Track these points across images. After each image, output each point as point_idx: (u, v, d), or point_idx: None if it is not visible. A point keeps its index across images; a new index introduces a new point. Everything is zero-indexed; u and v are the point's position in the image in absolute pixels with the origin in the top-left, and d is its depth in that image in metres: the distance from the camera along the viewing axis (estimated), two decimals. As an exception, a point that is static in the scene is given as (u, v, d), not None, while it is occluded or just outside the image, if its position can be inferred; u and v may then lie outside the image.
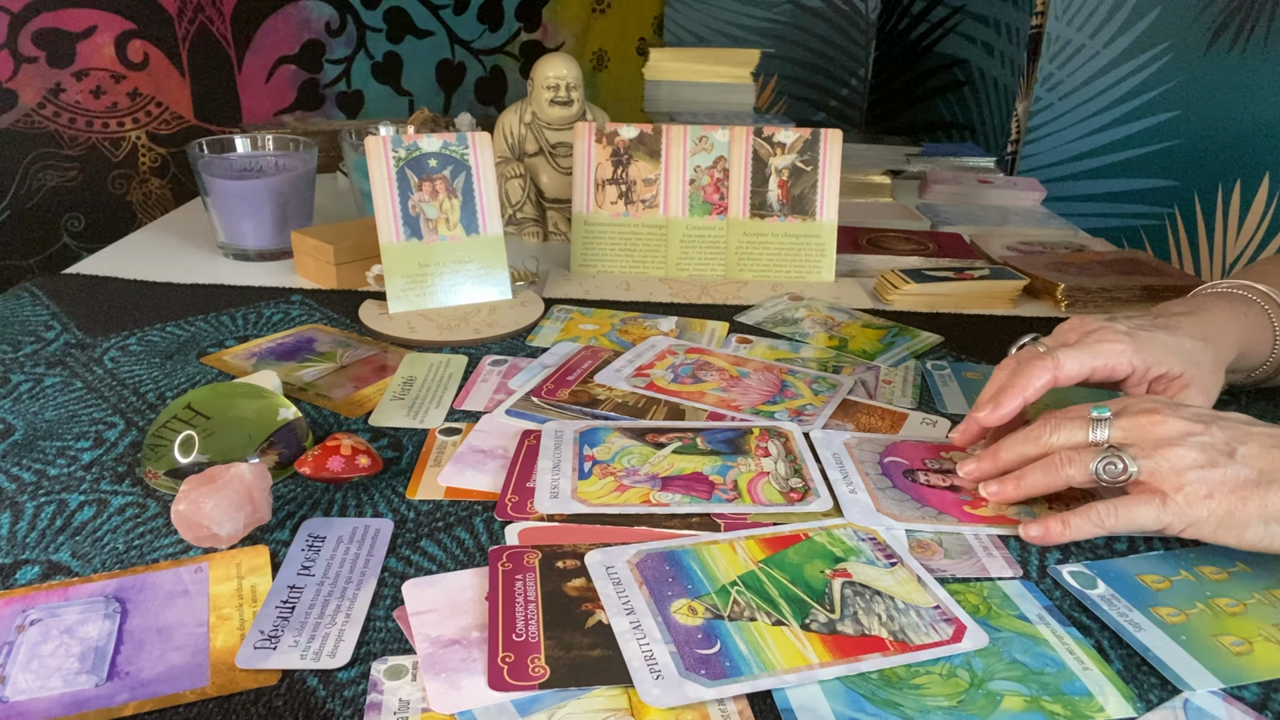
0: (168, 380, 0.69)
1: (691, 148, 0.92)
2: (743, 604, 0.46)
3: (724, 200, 0.92)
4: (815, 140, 0.91)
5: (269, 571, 0.48)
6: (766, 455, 0.59)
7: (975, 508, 0.55)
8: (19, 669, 0.42)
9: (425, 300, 0.81)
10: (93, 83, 1.37)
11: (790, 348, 0.77)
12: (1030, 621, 0.46)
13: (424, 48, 1.77)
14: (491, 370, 0.71)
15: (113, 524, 0.52)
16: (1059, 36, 1.47)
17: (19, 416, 0.63)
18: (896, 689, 0.42)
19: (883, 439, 0.63)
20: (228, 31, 1.49)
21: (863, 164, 1.30)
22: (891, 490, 0.56)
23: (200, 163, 0.92)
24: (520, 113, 1.02)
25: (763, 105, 1.92)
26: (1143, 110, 1.39)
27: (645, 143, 0.92)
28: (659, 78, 1.38)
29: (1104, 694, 0.42)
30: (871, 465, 0.59)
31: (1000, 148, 1.60)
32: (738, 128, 0.92)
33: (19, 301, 0.82)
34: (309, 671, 0.42)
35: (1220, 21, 1.25)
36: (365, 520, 0.53)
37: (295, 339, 0.76)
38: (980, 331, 0.82)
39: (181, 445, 0.54)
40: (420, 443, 0.61)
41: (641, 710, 0.40)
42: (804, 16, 1.87)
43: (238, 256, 0.95)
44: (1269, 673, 0.43)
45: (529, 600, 0.45)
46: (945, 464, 0.60)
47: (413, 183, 0.80)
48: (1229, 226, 1.25)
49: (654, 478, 0.56)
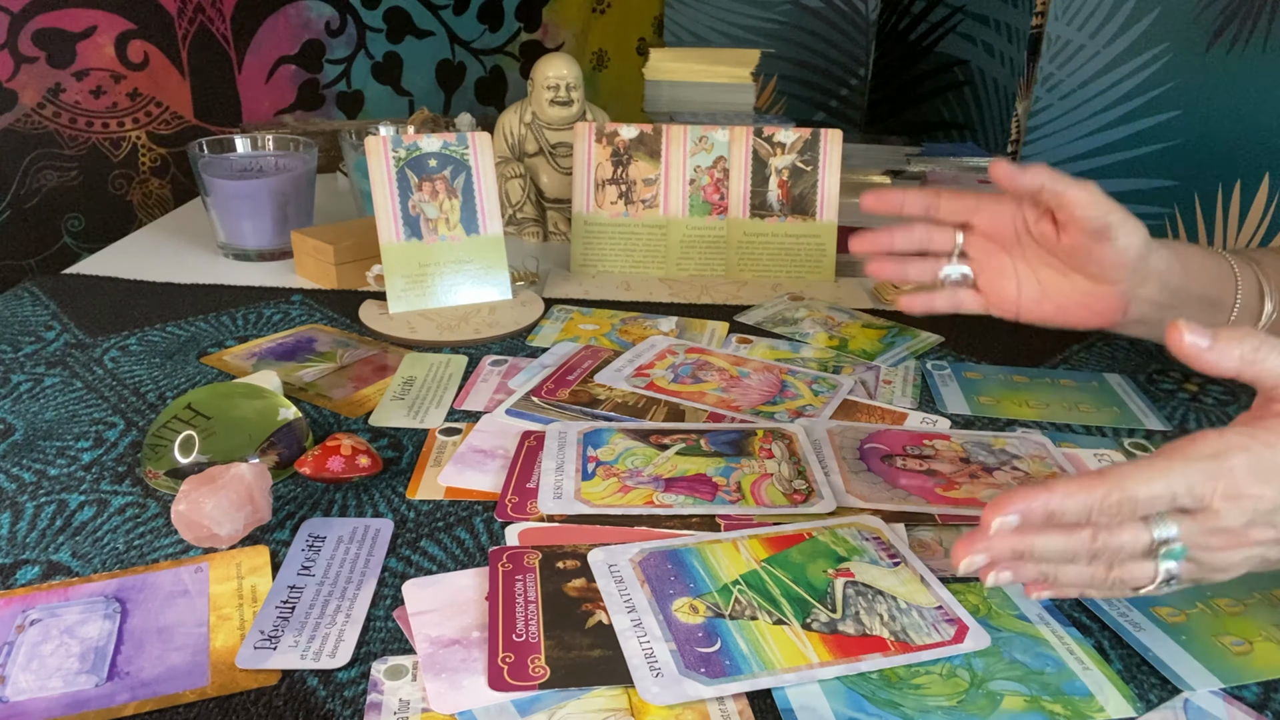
0: (168, 380, 0.69)
1: (691, 148, 0.92)
2: (744, 603, 0.46)
3: (724, 200, 0.92)
4: (815, 140, 0.91)
5: (269, 571, 0.48)
6: (770, 457, 0.59)
7: (947, 490, 0.55)
8: (19, 669, 0.42)
9: (425, 300, 0.81)
10: (93, 83, 1.37)
11: (790, 348, 0.77)
12: (1030, 621, 0.46)
13: (424, 48, 1.77)
14: (491, 370, 0.71)
15: (113, 524, 0.52)
16: (1059, 36, 1.47)
17: (19, 416, 0.63)
18: (897, 689, 0.41)
19: (867, 428, 0.63)
20: (228, 31, 1.49)
21: (863, 164, 1.30)
22: (865, 474, 0.57)
23: (200, 163, 0.92)
24: (520, 113, 1.02)
25: (763, 105, 1.92)
26: (1143, 110, 1.39)
27: (645, 143, 0.92)
28: (659, 78, 1.38)
29: (1104, 694, 0.42)
30: (850, 451, 0.60)
31: (1000, 148, 1.60)
32: (738, 128, 0.91)
33: (19, 301, 0.82)
34: (309, 671, 0.42)
35: (1220, 22, 1.25)
36: (365, 520, 0.53)
37: (295, 339, 0.76)
38: (980, 331, 0.82)
39: (181, 445, 0.54)
40: (420, 443, 0.61)
41: (641, 710, 0.40)
42: (804, 16, 1.87)
43: (238, 256, 0.95)
44: (1269, 673, 0.43)
45: (529, 600, 0.45)
46: (925, 450, 0.60)
47: (413, 183, 0.80)
48: (1229, 226, 1.25)
49: (657, 479, 0.56)
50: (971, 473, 0.58)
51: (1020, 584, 0.45)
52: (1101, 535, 0.41)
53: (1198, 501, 0.41)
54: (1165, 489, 0.40)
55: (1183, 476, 0.41)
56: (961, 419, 0.66)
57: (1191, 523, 0.41)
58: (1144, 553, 0.42)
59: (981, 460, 0.60)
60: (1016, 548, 0.41)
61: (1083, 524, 0.41)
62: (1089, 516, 0.41)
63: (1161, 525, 0.41)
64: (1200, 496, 0.41)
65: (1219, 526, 0.41)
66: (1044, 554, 0.42)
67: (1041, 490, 0.41)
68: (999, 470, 0.59)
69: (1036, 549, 0.41)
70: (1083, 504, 0.40)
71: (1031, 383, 0.72)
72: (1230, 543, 0.42)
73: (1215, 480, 0.41)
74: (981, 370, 0.74)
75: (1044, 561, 0.42)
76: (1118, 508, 0.40)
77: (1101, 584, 0.43)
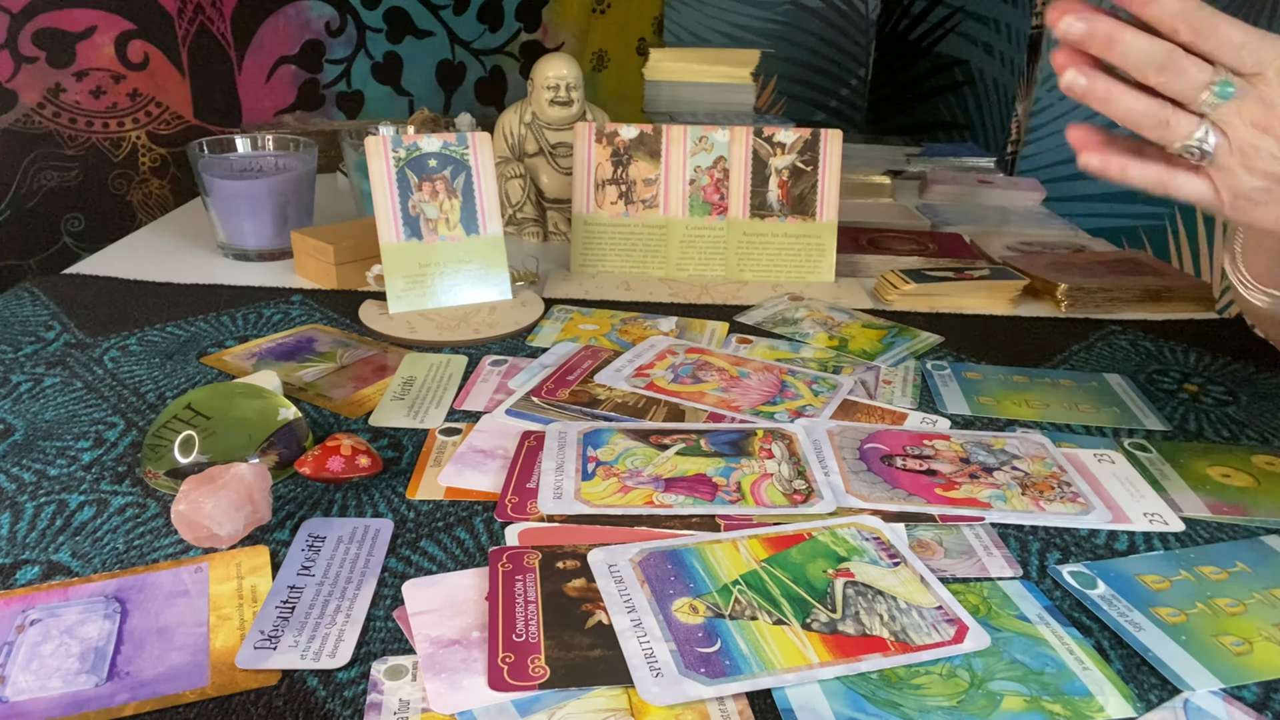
0: (168, 380, 0.69)
1: (691, 148, 0.92)
2: (744, 603, 0.46)
3: (724, 200, 0.92)
4: (815, 140, 0.91)
5: (269, 571, 0.48)
6: (770, 457, 0.59)
7: (947, 490, 0.55)
8: (19, 669, 0.42)
9: (425, 300, 0.81)
10: (93, 83, 1.37)
11: (790, 348, 0.77)
12: (1030, 621, 0.46)
13: (424, 48, 1.77)
14: (491, 370, 0.71)
15: (113, 524, 0.52)
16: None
17: (19, 416, 0.63)
18: (896, 689, 0.41)
19: (867, 428, 0.63)
20: (228, 31, 1.49)
21: (863, 164, 1.30)
22: (865, 474, 0.57)
23: (200, 163, 0.92)
24: (520, 113, 1.02)
25: (763, 105, 1.92)
26: (1143, 110, 1.39)
27: (645, 143, 0.92)
28: (659, 78, 1.38)
29: (1104, 694, 0.42)
30: (850, 451, 0.60)
31: (1000, 148, 1.60)
32: (738, 128, 0.92)
33: (19, 301, 0.82)
34: (309, 671, 0.42)
35: (1220, 21, 1.25)
36: (365, 520, 0.53)
37: (295, 339, 0.76)
38: (980, 331, 0.82)
39: (181, 445, 0.54)
40: (420, 443, 0.61)
41: (641, 711, 0.40)
42: (804, 16, 1.87)
43: (238, 256, 0.95)
44: (1269, 673, 0.43)
45: (529, 601, 0.45)
46: (925, 450, 0.60)
47: (413, 183, 0.80)
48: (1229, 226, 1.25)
49: (657, 479, 0.56)
50: (971, 473, 0.58)
51: (1018, 580, 0.45)
52: (1177, 53, 0.46)
53: (1258, 65, 0.46)
54: (1243, 37, 0.46)
55: (1259, 39, 0.46)
56: (961, 419, 0.66)
57: (1245, 84, 0.47)
58: (1201, 90, 0.47)
59: (981, 460, 0.60)
60: (1111, 31, 0.47)
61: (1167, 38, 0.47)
62: (1174, 25, 0.46)
63: (1221, 74, 0.47)
64: (1262, 61, 0.46)
65: (1263, 96, 0.47)
66: (1128, 50, 0.47)
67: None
68: (999, 470, 0.59)
69: (1127, 40, 0.47)
70: (1179, 8, 0.46)
71: (1031, 383, 0.72)
72: (1263, 119, 0.47)
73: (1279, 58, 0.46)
74: (981, 370, 0.74)
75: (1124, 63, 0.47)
76: (1201, 27, 0.46)
77: (1154, 119, 0.48)
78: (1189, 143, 0.48)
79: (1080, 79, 0.48)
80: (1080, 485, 0.58)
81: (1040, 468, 0.59)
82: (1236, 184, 0.49)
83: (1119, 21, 0.47)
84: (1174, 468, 0.61)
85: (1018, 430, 0.65)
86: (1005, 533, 0.53)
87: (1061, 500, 0.56)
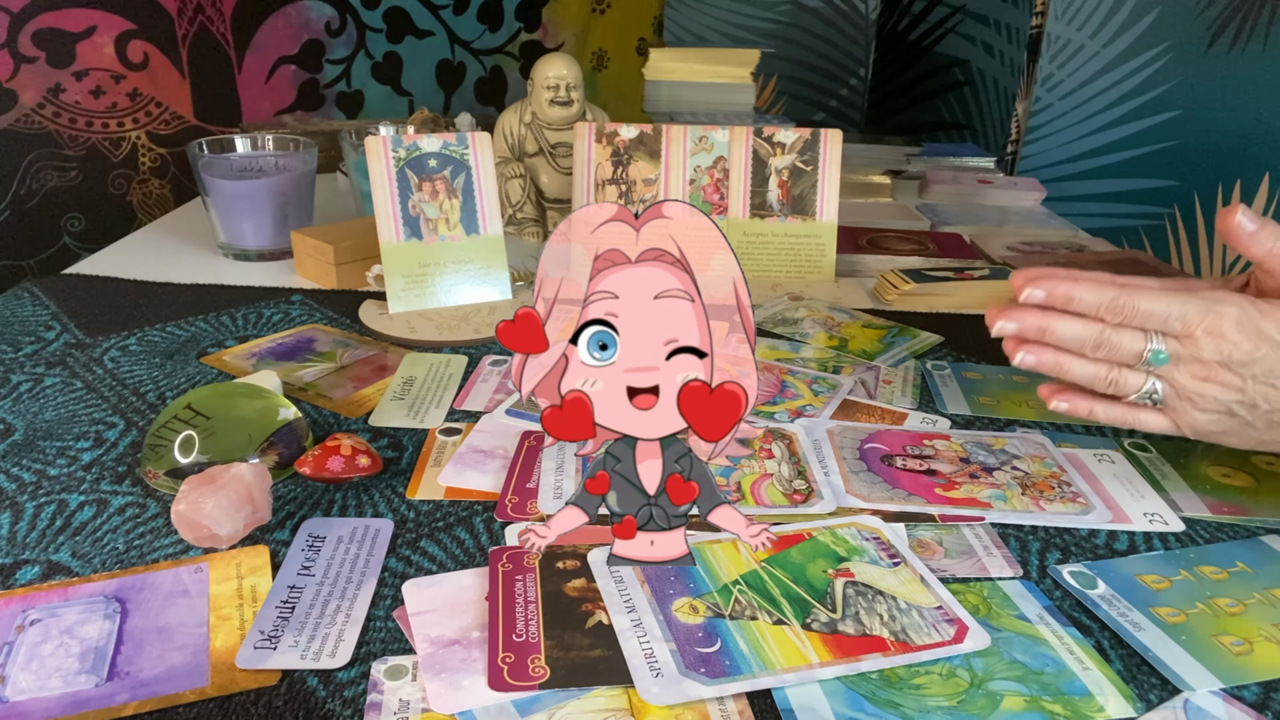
0: (168, 380, 0.69)
1: (691, 148, 0.92)
2: (744, 603, 0.46)
3: (724, 200, 0.92)
4: (815, 140, 0.91)
5: (269, 571, 0.48)
6: (770, 457, 0.59)
7: (947, 490, 0.55)
8: (19, 669, 0.42)
9: (425, 300, 0.81)
10: (93, 83, 1.37)
11: (790, 348, 0.77)
12: (1030, 621, 0.46)
13: (424, 48, 1.77)
14: (491, 370, 0.71)
15: (113, 524, 0.52)
16: (1059, 36, 1.47)
17: (19, 416, 0.63)
18: (896, 689, 0.41)
19: (867, 428, 0.63)
20: (228, 31, 1.49)
21: (863, 164, 1.30)
22: (865, 474, 0.57)
23: (200, 163, 0.92)
24: (520, 113, 1.02)
25: (763, 105, 1.92)
26: (1143, 110, 1.39)
27: (645, 143, 0.92)
28: (659, 78, 1.38)
29: (1104, 694, 0.42)
30: (850, 451, 0.60)
31: (1000, 148, 1.60)
32: (738, 128, 0.91)
33: (19, 301, 0.82)
34: (309, 671, 0.42)
35: (1220, 22, 1.25)
36: (365, 520, 0.53)
37: (295, 339, 0.76)
38: (980, 331, 0.82)
39: (181, 445, 0.54)
40: (420, 443, 0.61)
41: (641, 710, 0.40)
42: (804, 16, 1.87)
43: (238, 256, 0.95)
44: (1269, 673, 0.43)
45: (529, 600, 0.45)
46: (925, 450, 0.60)
47: (413, 183, 0.80)
48: (1229, 226, 1.25)
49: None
50: (971, 473, 0.58)
51: (1018, 580, 0.45)
52: (1108, 331, 0.51)
53: (1185, 328, 0.51)
54: (1164, 309, 0.51)
55: (1180, 305, 0.50)
56: (961, 419, 0.66)
57: (1177, 344, 0.51)
58: (1138, 358, 0.52)
59: (981, 460, 0.60)
60: (1040, 324, 0.52)
61: (1094, 318, 0.52)
62: (1099, 311, 0.51)
63: (1155, 338, 0.51)
64: (1188, 324, 0.50)
65: (1195, 354, 0.51)
66: (1060, 335, 0.52)
67: (1067, 276, 0.52)
68: (999, 470, 0.59)
69: (1056, 329, 0.52)
70: (1096, 298, 0.51)
71: (1031, 383, 0.72)
72: (1200, 373, 0.51)
73: (1204, 316, 0.50)
74: (981, 370, 0.74)
75: (1059, 347, 0.53)
76: (1123, 311, 0.51)
77: (1102, 381, 0.53)
78: (1139, 395, 0.53)
79: (1029, 357, 0.54)
80: (1080, 485, 0.58)
81: (1040, 468, 0.59)
82: (1193, 421, 0.53)
83: (1048, 311, 0.53)
84: (1174, 468, 0.61)
85: (1018, 430, 0.65)
86: (1005, 532, 0.53)
87: (1061, 500, 0.56)
